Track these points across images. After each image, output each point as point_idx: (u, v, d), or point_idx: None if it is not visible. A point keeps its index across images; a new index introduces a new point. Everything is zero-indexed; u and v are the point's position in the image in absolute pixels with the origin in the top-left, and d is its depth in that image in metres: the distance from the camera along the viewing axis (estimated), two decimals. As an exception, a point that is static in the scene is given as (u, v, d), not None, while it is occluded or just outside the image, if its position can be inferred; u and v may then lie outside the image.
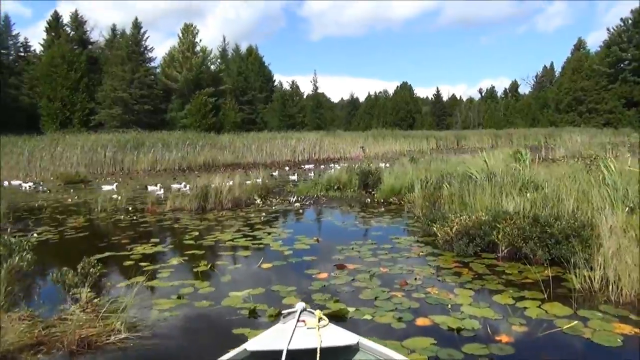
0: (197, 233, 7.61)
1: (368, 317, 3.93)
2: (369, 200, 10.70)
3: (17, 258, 3.78)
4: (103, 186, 14.77)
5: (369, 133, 43.92)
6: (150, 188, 13.71)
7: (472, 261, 5.49)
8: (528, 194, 6.54)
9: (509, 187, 7.12)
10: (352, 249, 6.26)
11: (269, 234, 7.40)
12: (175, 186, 13.20)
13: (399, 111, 71.92)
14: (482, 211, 6.23)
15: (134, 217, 9.24)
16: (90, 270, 4.14)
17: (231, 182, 11.14)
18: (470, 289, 4.58)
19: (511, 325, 3.75)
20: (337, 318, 3.83)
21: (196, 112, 39.33)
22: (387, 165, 19.86)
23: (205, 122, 38.94)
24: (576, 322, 3.70)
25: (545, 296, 4.24)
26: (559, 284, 4.52)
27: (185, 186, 12.31)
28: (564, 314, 3.90)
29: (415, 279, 4.91)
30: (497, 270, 5.14)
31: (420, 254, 5.92)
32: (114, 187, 14.75)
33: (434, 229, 6.30)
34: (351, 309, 4.04)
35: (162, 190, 13.09)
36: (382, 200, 10.50)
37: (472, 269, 5.19)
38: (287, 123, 48.29)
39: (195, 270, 5.49)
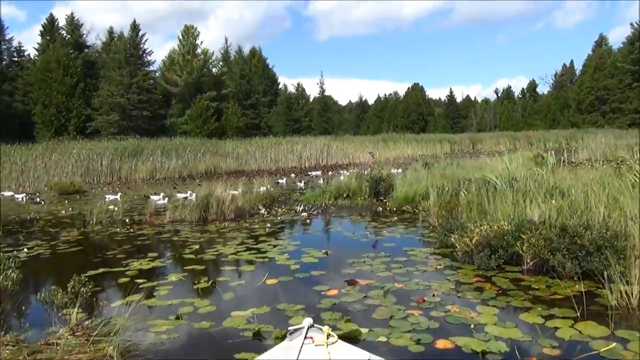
0: (197, 246, 7.57)
1: (383, 338, 3.83)
2: (381, 208, 10.69)
3: (0, 277, 3.65)
4: (107, 196, 14.84)
5: (379, 137, 43.85)
6: (152, 198, 13.76)
7: (495, 275, 5.39)
8: (554, 201, 6.36)
9: (533, 193, 7.03)
10: (364, 262, 6.19)
11: (274, 246, 7.36)
12: (180, 195, 13.20)
13: (411, 114, 71.99)
14: (504, 220, 6.09)
15: (131, 230, 9.22)
16: (82, 289, 4.02)
17: (234, 191, 11.16)
18: (494, 306, 4.45)
19: (542, 347, 3.59)
20: (350, 340, 3.67)
21: (197, 118, 39.50)
22: (399, 171, 19.77)
23: (206, 127, 39.10)
24: (614, 344, 3.54)
25: (578, 314, 4.09)
26: (593, 300, 4.36)
27: (190, 195, 12.29)
28: (600, 334, 3.74)
29: (434, 295, 4.81)
30: (523, 285, 5.02)
31: (438, 267, 5.82)
32: (118, 196, 14.85)
33: (452, 239, 6.21)
34: (364, 330, 3.93)
35: (165, 199, 13.15)
36: (394, 209, 10.50)
37: (495, 284, 5.07)
38: (293, 127, 48.46)
39: (195, 287, 5.43)
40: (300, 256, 6.63)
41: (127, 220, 10.33)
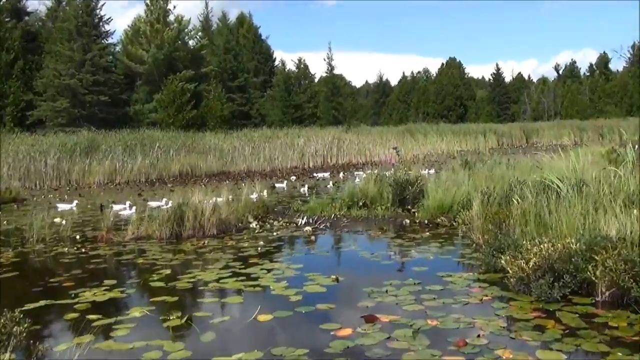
0: (168, 271, 7.60)
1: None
2: (408, 221, 10.77)
3: None
4: (59, 205, 14.93)
5: (404, 128, 43.88)
6: (114, 207, 13.99)
7: (560, 309, 5.40)
8: (635, 211, 6.38)
9: (608, 200, 6.98)
10: (386, 291, 6.25)
11: (269, 271, 7.42)
12: (153, 204, 13.24)
13: (445, 98, 72.30)
14: (571, 236, 6.11)
15: (83, 250, 9.27)
16: (15, 328, 3.97)
17: (217, 199, 11.25)
18: (560, 350, 4.43)
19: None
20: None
21: (169, 104, 39.63)
22: (432, 171, 19.77)
23: (181, 116, 39.20)
24: None
25: (672, 361, 4.04)
26: (691, 343, 4.35)
27: (167, 203, 12.41)
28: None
29: (479, 336, 4.80)
30: (597, 321, 5.03)
31: (484, 298, 5.86)
32: (73, 205, 15.03)
33: (502, 261, 6.26)
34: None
35: (132, 210, 13.30)
36: (425, 222, 10.58)
37: (560, 321, 5.07)
38: (293, 116, 48.73)
39: (165, 325, 5.47)
40: (302, 284, 6.68)
41: (77, 237, 10.36)
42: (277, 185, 19.93)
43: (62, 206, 14.84)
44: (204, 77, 45.09)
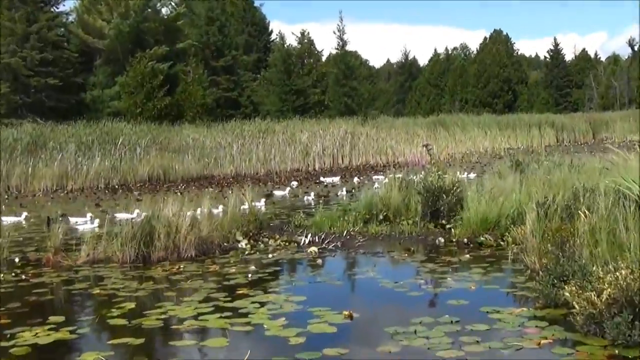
0: (133, 305, 7.59)
1: None
2: (442, 240, 10.79)
3: None
4: (4, 218, 14.98)
5: (436, 120, 43.87)
6: (73, 220, 14.03)
7: None
8: None
9: None
10: (415, 332, 6.25)
11: (262, 304, 7.41)
12: (122, 216, 13.23)
13: (489, 81, 72.44)
14: None
15: (23, 276, 9.24)
16: None
17: (196, 211, 11.24)
18: None
19: None
20: None
21: (136, 89, 39.74)
22: (472, 176, 19.71)
23: (151, 105, 39.31)
24: None
25: None
26: None
27: (140, 215, 12.35)
28: None
29: None
30: None
31: (543, 341, 5.81)
32: (22, 218, 15.18)
33: (566, 293, 6.21)
34: None
35: (94, 223, 13.43)
36: (465, 241, 10.57)
37: None
38: (294, 105, 48.96)
39: None
40: (305, 322, 6.66)
41: (16, 259, 10.33)
42: (275, 192, 19.99)
43: (8, 219, 14.92)
44: (181, 54, 45.24)
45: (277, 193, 19.84)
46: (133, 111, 38.63)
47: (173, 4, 49.68)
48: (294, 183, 22.95)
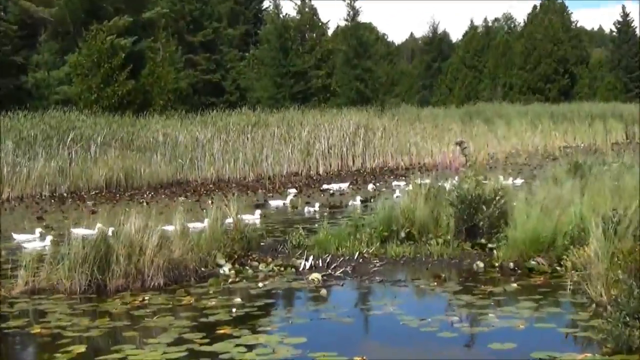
0: (82, 348, 7.55)
1: None
2: (482, 264, 10.81)
3: None
4: (15, 236, 14.96)
5: (473, 110, 43.74)
6: (17, 238, 14.12)
7: None
8: None
9: None
10: None
11: (250, 348, 7.41)
12: (80, 232, 13.13)
13: (541, 61, 72.24)
14: None
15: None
16: None
17: (166, 227, 11.25)
18: None
19: None
20: None
21: (91, 70, 39.74)
22: (519, 182, 19.65)
23: (111, 91, 39.28)
24: None
25: None
26: None
27: (109, 230, 12.25)
28: None
29: None
30: None
31: None
32: (46, 242, 14.24)
33: None
34: None
35: (46, 240, 13.44)
36: (511, 266, 10.57)
37: None
38: (293, 91, 49.26)
39: None
40: None
41: None
42: (272, 203, 20.11)
43: (21, 238, 14.79)
44: (148, 27, 45.17)
45: (274, 203, 19.91)
46: (87, 98, 38.57)
47: (138, -38, 49.69)
48: (292, 191, 23.00)
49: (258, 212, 16.87)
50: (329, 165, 30.61)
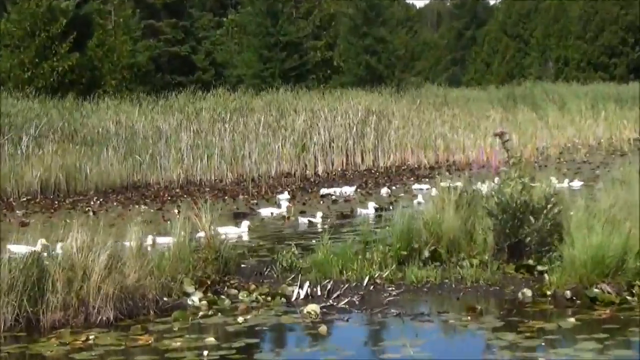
0: None
1: None
2: (529, 292, 10.77)
3: None
4: (11, 247, 14.92)
5: (517, 92, 43.57)
6: None
7: None
8: None
9: None
10: None
11: None
12: (19, 249, 13.12)
13: (603, 29, 71.97)
14: None
15: None
16: None
17: (118, 244, 11.11)
18: None
19: None
20: None
21: (23, 41, 39.74)
22: (577, 184, 19.54)
23: (48, 67, 39.32)
24: None
25: None
26: None
27: (51, 249, 12.20)
28: None
29: None
30: None
31: None
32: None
33: None
34: None
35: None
36: (568, 294, 10.52)
37: None
38: (284, 68, 49.45)
39: None
40: None
41: None
42: (261, 211, 20.19)
43: (16, 249, 14.88)
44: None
45: (263, 212, 20.05)
46: (18, 77, 38.68)
47: None
48: (283, 196, 22.98)
49: (245, 223, 16.95)
50: (331, 164, 30.66)
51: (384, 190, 23.00)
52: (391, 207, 18.18)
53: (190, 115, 31.07)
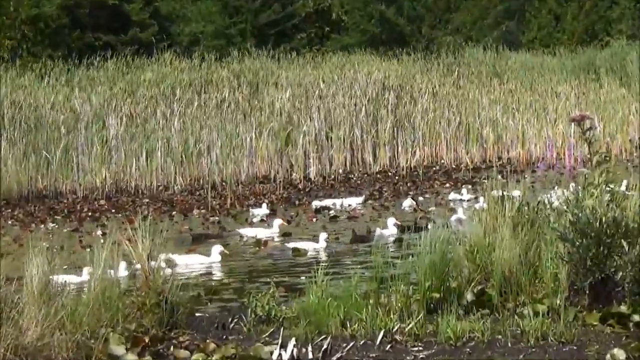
0: None
1: None
2: (622, 354, 10.46)
3: None
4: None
5: (599, 58, 43.52)
6: None
7: None
8: None
9: None
10: None
11: None
12: None
13: None
14: None
15: None
16: None
17: (13, 282, 11.18)
18: None
19: None
20: None
21: None
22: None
23: None
24: None
25: None
26: None
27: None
28: None
29: None
30: None
31: None
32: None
33: None
34: None
35: None
36: None
37: None
38: (257, 24, 49.87)
39: None
40: None
41: None
42: (243, 232, 20.18)
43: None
44: None
45: (246, 233, 20.07)
46: None
47: None
48: (260, 211, 23.18)
49: (217, 249, 16.96)
50: (328, 164, 30.63)
51: (407, 202, 22.96)
52: (417, 227, 18.11)
53: (122, 92, 31.01)
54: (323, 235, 18.05)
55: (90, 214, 23.31)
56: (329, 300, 11.98)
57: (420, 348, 11.07)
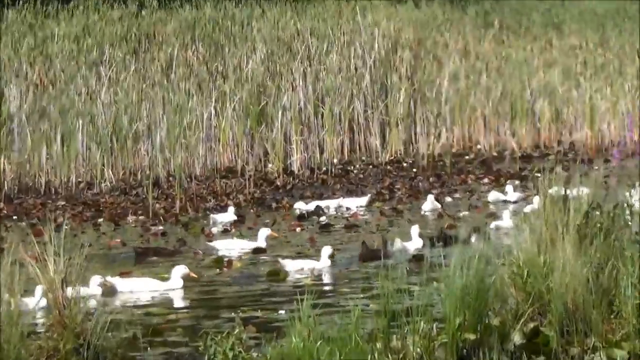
0: None
1: None
2: None
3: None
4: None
5: None
6: None
7: None
8: None
9: None
10: None
11: None
12: None
13: None
14: None
15: None
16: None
17: None
18: None
19: None
20: None
21: None
22: None
23: None
24: None
25: None
26: None
27: None
28: None
29: None
30: None
31: None
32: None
33: None
34: None
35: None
36: None
37: None
38: None
39: None
40: None
41: None
42: (216, 244, 20.20)
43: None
44: None
45: (218, 245, 20.38)
46: None
47: None
48: (222, 218, 22.96)
49: (179, 270, 16.99)
50: (317, 150, 30.47)
51: (429, 205, 22.90)
52: (443, 239, 18.06)
53: (28, 52, 31.00)
54: (326, 250, 17.95)
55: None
56: (319, 344, 11.88)
57: None
